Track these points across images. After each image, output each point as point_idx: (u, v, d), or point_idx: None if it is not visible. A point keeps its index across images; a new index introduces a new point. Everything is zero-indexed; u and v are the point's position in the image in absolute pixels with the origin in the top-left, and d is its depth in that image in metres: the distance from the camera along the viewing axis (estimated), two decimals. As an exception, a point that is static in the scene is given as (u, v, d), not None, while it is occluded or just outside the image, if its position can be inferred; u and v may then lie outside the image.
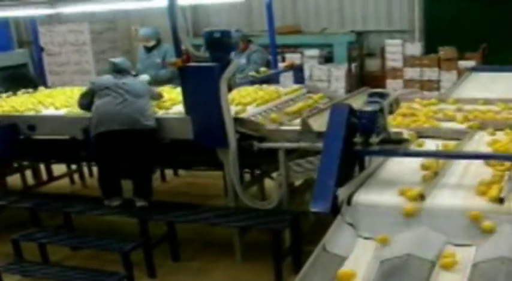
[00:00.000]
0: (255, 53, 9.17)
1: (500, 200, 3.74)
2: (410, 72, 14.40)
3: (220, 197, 7.84)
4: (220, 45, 6.14)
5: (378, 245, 3.72)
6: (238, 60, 7.18)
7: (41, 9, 8.28)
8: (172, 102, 7.20)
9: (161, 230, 6.67)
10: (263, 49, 9.39)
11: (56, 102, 7.85)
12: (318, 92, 7.81)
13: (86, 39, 15.06)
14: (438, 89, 13.96)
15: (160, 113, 6.93)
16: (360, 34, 15.27)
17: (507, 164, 4.31)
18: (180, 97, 6.67)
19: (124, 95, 6.66)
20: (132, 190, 6.86)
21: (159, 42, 9.38)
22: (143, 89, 6.94)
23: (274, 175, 6.84)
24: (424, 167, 4.45)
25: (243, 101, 6.90)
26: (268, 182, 7.61)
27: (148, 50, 9.41)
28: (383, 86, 13.73)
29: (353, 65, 14.74)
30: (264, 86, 7.94)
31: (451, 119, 5.98)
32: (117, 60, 7.08)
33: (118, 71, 6.90)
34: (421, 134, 5.43)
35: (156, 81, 8.64)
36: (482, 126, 5.61)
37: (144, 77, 8.50)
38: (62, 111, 7.49)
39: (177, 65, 6.27)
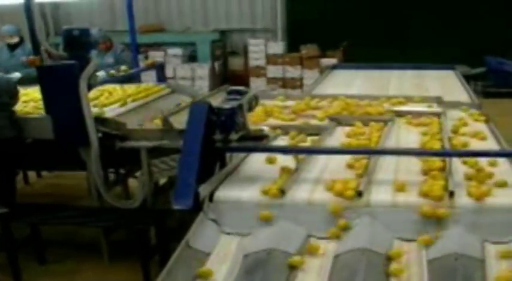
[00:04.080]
0: (124, 52, 9.15)
1: (359, 194, 3.86)
2: (274, 71, 14.67)
3: (85, 198, 7.73)
4: (80, 43, 6.08)
5: (241, 240, 3.77)
6: (103, 59, 7.09)
7: None
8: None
9: (27, 232, 6.53)
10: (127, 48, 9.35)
11: None
12: (181, 91, 7.85)
13: None
14: (301, 86, 14.28)
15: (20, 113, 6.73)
16: (223, 33, 15.41)
17: (365, 158, 4.45)
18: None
19: None
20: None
21: (22, 40, 9.20)
22: (7, 90, 6.60)
23: (138, 174, 6.82)
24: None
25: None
26: (133, 182, 7.57)
27: (12, 48, 9.21)
28: (247, 84, 13.90)
29: (217, 64, 14.86)
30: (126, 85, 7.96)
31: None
32: None
33: None
34: (286, 130, 5.51)
35: (28, 80, 8.39)
36: (340, 122, 5.76)
37: (16, 75, 8.32)
38: None
39: (35, 64, 6.16)
